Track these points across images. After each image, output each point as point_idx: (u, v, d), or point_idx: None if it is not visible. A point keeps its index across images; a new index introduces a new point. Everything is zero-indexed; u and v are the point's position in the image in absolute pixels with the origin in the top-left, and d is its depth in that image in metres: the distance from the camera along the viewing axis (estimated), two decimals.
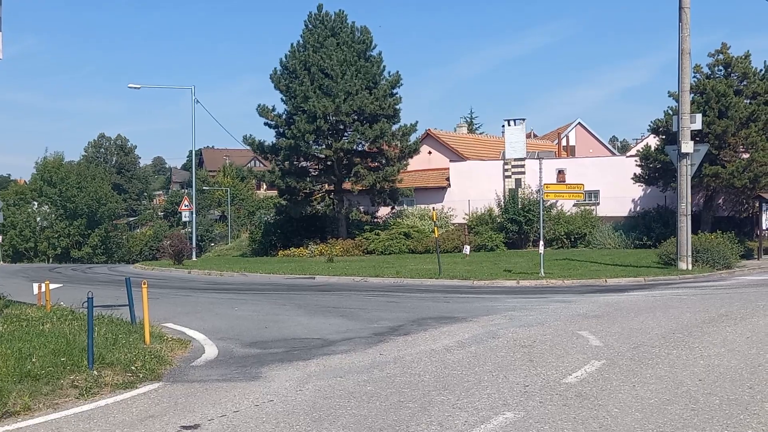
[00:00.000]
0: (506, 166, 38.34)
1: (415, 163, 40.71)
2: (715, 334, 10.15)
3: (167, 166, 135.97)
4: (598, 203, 36.71)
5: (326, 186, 39.20)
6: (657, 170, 31.24)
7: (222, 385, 7.79)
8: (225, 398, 7.19)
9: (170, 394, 7.44)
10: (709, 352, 8.89)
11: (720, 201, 32.80)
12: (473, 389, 7.26)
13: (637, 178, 32.76)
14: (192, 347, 10.20)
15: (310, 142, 35.88)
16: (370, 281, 21.70)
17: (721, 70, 31.14)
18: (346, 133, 36.70)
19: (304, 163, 38.57)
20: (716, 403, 6.59)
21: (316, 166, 38.80)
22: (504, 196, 37.28)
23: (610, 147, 62.27)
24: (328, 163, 37.55)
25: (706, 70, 31.10)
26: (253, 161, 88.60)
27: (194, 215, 42.12)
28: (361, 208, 40.98)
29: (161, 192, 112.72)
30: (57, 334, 9.76)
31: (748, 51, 31.11)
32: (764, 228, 27.03)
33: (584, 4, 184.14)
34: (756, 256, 26.67)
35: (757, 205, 28.44)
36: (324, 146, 36.64)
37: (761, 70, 30.94)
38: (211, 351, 9.87)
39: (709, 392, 6.98)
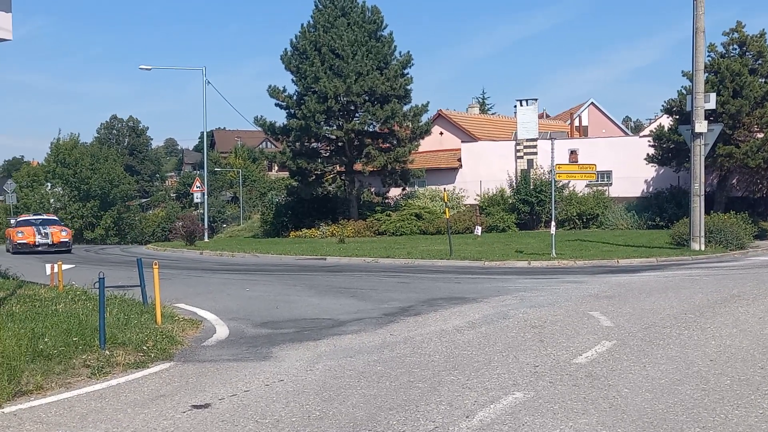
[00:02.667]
0: (518, 147, 38.16)
1: (426, 144, 40.57)
2: (727, 314, 10.10)
3: (179, 148, 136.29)
4: (611, 184, 36.51)
5: (337, 167, 39.17)
6: (670, 150, 31.01)
7: (233, 365, 7.82)
8: (236, 378, 7.22)
9: (181, 374, 7.48)
10: (721, 332, 8.86)
11: (734, 181, 32.52)
12: (483, 369, 7.26)
13: (650, 159, 32.54)
14: (203, 327, 10.24)
15: (321, 122, 35.84)
16: (381, 262, 21.71)
17: (735, 49, 30.78)
18: (357, 114, 36.61)
19: (315, 144, 38.53)
20: (727, 384, 6.56)
21: (327, 147, 38.75)
22: (516, 176, 37.18)
23: (623, 127, 61.85)
24: (339, 144, 37.51)
25: (720, 49, 30.75)
26: (264, 143, 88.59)
27: (206, 196, 42.17)
28: (372, 189, 40.93)
29: (173, 173, 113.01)
30: (69, 315, 9.81)
31: (763, 30, 30.74)
32: None
33: None
34: None
35: None
36: (335, 127, 36.59)
37: None
38: (222, 331, 9.91)
39: (720, 372, 6.96)
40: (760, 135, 29.19)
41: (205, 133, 44.88)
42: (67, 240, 31.87)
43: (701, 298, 11.67)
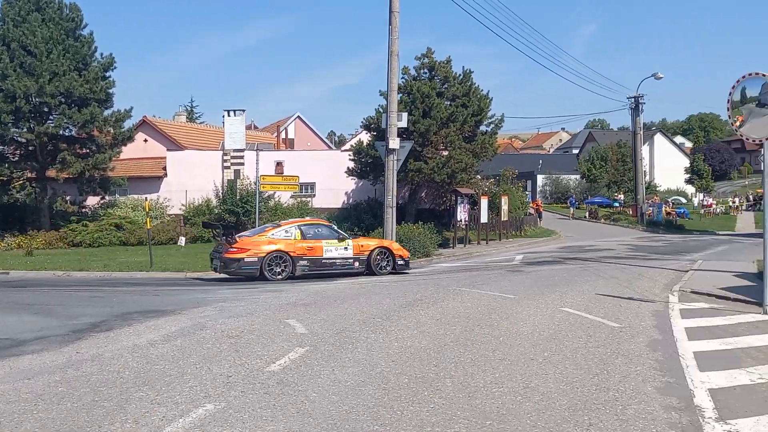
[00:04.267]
0: (225, 157, 37.98)
1: (130, 151, 38.66)
2: (410, 317, 10.95)
3: None
4: (314, 195, 37.80)
5: (27, 173, 35.83)
6: (368, 164, 32.92)
7: None
8: None
9: None
10: (404, 334, 9.57)
11: (423, 194, 35.41)
12: (175, 383, 7.09)
13: (350, 172, 34.25)
14: None
15: (9, 124, 32.57)
16: (73, 276, 20.26)
17: (426, 73, 33.60)
18: (51, 117, 33.83)
19: (1, 148, 34.92)
20: (405, 382, 7.10)
21: (16, 152, 35.30)
22: (222, 187, 36.92)
23: (327, 141, 64.44)
24: (30, 148, 34.33)
25: (413, 72, 33.35)
26: None
27: None
28: (67, 197, 38.06)
29: None
30: None
31: (449, 57, 33.89)
32: (458, 219, 29.74)
33: (302, 1, 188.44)
34: (451, 245, 29.28)
35: (453, 198, 31.15)
36: (25, 129, 33.46)
37: (460, 74, 33.87)
38: None
39: (399, 372, 7.51)
40: (445, 153, 32.14)
41: None
42: None
43: (389, 303, 12.52)
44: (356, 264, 18.98)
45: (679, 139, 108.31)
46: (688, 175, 72.44)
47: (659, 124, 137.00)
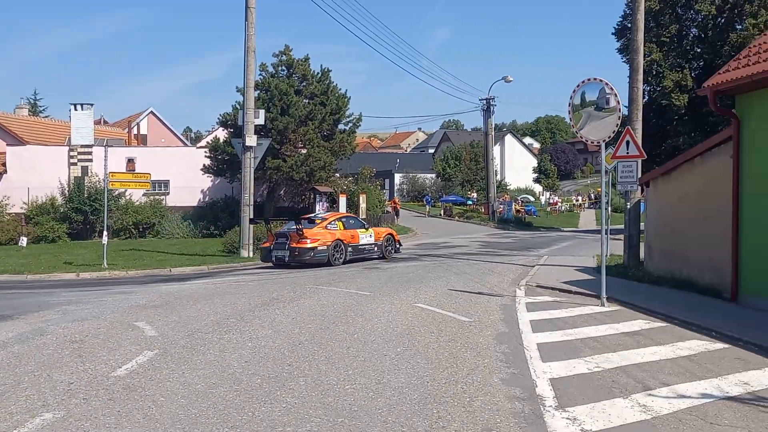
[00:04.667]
0: (72, 153, 36.03)
1: None
2: (265, 317, 10.83)
3: None
4: (168, 193, 36.65)
5: None
6: (225, 162, 32.32)
7: None
8: None
9: None
10: (258, 334, 9.45)
11: (281, 192, 35.19)
12: (10, 393, 6.65)
13: (206, 169, 33.50)
14: None
15: None
16: None
17: (284, 70, 33.42)
18: None
19: None
20: (258, 383, 7.01)
21: None
22: (69, 184, 35.03)
23: (182, 138, 62.58)
24: None
25: (271, 69, 33.11)
26: None
27: None
28: None
29: None
30: None
31: (307, 55, 33.93)
32: None
33: None
34: None
35: (312, 196, 31.16)
36: None
37: (318, 73, 33.94)
38: None
39: (252, 372, 7.40)
40: (304, 150, 32.09)
41: None
42: None
43: (244, 303, 12.33)
44: (375, 249, 22.24)
45: (528, 140, 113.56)
46: (536, 175, 76.14)
47: (510, 125, 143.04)
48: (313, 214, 23.81)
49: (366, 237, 21.96)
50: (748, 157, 11.98)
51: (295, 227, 20.18)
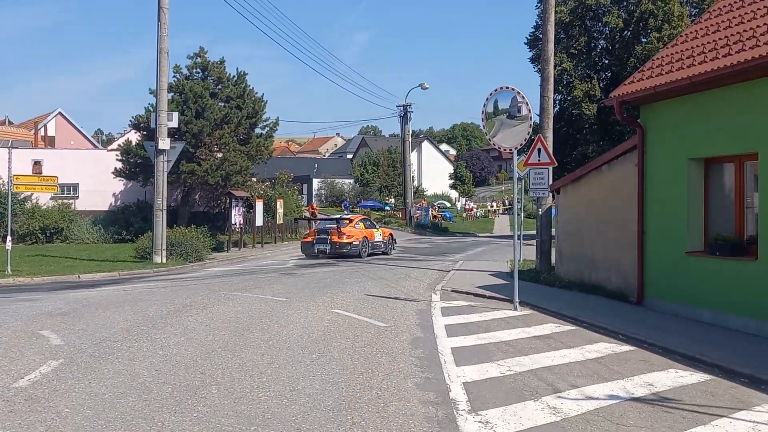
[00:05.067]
0: None
1: None
2: (177, 324, 10.59)
3: None
4: (78, 197, 35.48)
5: None
6: (138, 165, 31.51)
7: None
8: None
9: None
10: (170, 342, 9.23)
11: (197, 197, 34.54)
12: None
13: (118, 173, 32.59)
14: None
15: None
16: None
17: (199, 73, 32.86)
18: None
19: None
20: (168, 391, 6.84)
21: None
22: None
23: (93, 140, 60.66)
24: None
25: (185, 71, 32.48)
26: None
27: None
28: None
29: None
30: None
31: (223, 57, 33.51)
32: (233, 222, 29.36)
33: None
34: (225, 249, 28.81)
35: (228, 201, 30.70)
36: None
37: (234, 76, 33.52)
38: None
39: (163, 381, 7.22)
40: (219, 154, 31.59)
41: None
42: None
43: (156, 310, 12.03)
44: (382, 245, 26.90)
45: (444, 146, 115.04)
46: (452, 181, 77.19)
47: (427, 131, 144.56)
48: (339, 216, 30.46)
49: (378, 235, 26.77)
50: (652, 164, 12.46)
51: (333, 226, 25.29)
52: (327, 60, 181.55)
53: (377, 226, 28.32)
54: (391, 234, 28.13)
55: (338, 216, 28.74)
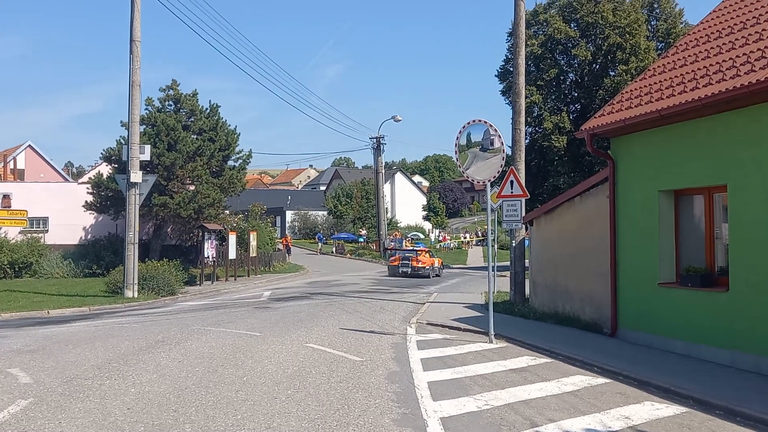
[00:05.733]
0: None
1: None
2: (150, 360, 10.42)
3: None
4: (47, 231, 34.98)
5: None
6: (109, 198, 31.17)
7: None
8: None
9: None
10: (142, 379, 9.08)
11: (169, 230, 34.21)
12: None
13: (88, 206, 32.20)
14: None
15: None
16: None
17: (171, 105, 32.74)
18: None
19: None
20: (141, 430, 6.71)
21: None
22: None
23: (63, 173, 60.10)
24: None
25: (157, 104, 32.35)
26: None
27: None
28: None
29: None
30: None
31: (195, 90, 33.40)
32: (206, 256, 29.09)
33: (36, 23, 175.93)
34: (198, 282, 28.52)
35: (201, 234, 30.44)
36: None
37: (207, 108, 33.45)
38: None
39: (135, 420, 7.09)
40: (192, 187, 31.39)
41: None
42: None
43: (128, 346, 11.84)
44: (436, 269, 35.68)
45: (417, 178, 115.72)
46: (426, 212, 77.45)
47: (400, 163, 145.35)
48: (412, 247, 41.67)
49: (436, 262, 35.97)
50: (623, 196, 12.62)
51: (412, 255, 35.16)
52: (299, 92, 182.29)
53: (435, 256, 38.14)
54: (441, 261, 38.18)
55: (414, 248, 38.82)
